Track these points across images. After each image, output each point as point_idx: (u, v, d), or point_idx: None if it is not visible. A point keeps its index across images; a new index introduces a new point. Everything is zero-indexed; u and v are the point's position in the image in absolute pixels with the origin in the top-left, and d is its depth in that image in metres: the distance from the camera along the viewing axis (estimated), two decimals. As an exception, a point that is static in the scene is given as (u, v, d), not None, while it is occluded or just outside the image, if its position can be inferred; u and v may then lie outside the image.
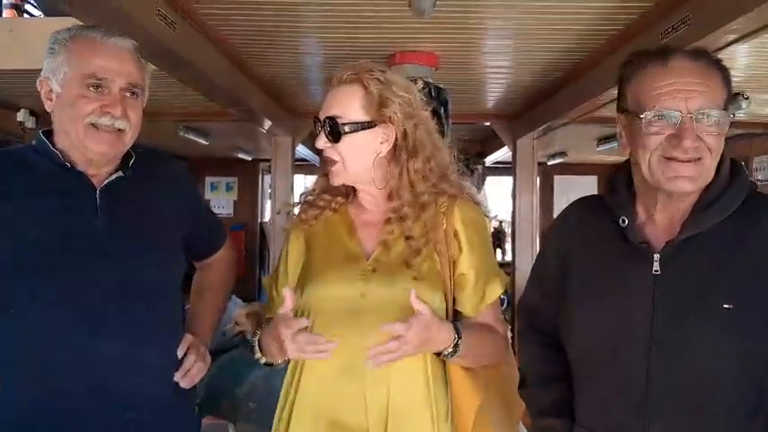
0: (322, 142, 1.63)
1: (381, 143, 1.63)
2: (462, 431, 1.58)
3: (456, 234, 1.64)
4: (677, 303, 1.30)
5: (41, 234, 1.51)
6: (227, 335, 4.69)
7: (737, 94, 4.53)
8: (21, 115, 5.16)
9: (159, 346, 1.64)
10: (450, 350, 1.53)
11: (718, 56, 1.41)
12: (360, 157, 1.62)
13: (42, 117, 5.22)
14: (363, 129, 1.60)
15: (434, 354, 1.56)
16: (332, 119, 1.60)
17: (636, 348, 1.32)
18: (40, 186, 1.55)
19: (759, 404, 1.29)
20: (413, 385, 1.57)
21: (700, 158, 1.28)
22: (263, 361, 1.64)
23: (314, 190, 1.76)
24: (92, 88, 1.52)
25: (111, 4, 2.15)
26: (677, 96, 1.28)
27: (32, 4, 4.08)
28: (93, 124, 1.52)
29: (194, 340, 1.71)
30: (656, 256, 1.33)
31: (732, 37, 2.48)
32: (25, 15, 4.07)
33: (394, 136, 1.63)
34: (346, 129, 1.59)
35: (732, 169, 1.36)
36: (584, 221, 1.51)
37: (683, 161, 1.29)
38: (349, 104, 1.60)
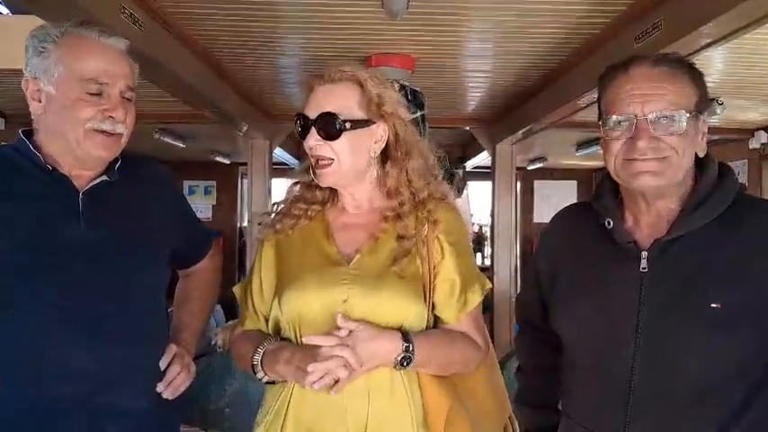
0: (314, 140, 1.56)
1: (375, 142, 1.61)
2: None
3: (438, 239, 1.61)
4: (663, 301, 1.31)
5: (21, 239, 1.45)
6: (212, 343, 4.64)
7: (712, 99, 4.56)
8: (-9, 117, 5.08)
9: (143, 356, 1.58)
10: (402, 356, 1.49)
11: (693, 59, 1.44)
12: (356, 156, 1.58)
13: (11, 118, 5.14)
14: (361, 126, 1.57)
15: (393, 366, 1.51)
16: (330, 115, 1.55)
17: (622, 346, 1.33)
18: (19, 188, 1.49)
19: (743, 405, 1.29)
20: (392, 395, 1.54)
21: (665, 157, 1.31)
22: (265, 380, 1.59)
23: (288, 199, 1.71)
24: (92, 92, 1.47)
25: (73, 2, 2.10)
26: (633, 101, 1.32)
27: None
28: (95, 129, 1.48)
29: (179, 350, 1.66)
30: (644, 254, 1.35)
31: (705, 41, 2.48)
32: (-3, 14, 3.96)
33: (387, 135, 1.61)
34: (347, 125, 1.55)
35: (720, 172, 1.38)
36: (572, 226, 1.54)
37: (642, 160, 1.32)
38: (346, 102, 1.56)
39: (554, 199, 9.29)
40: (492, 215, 5.99)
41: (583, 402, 1.44)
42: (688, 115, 1.30)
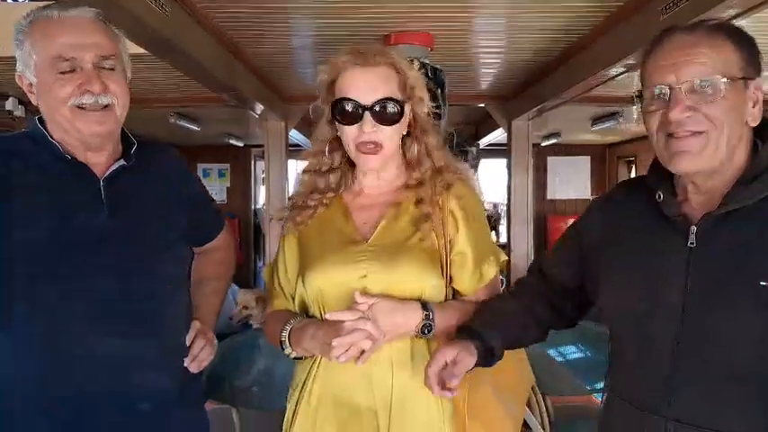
0: (370, 126, 1.56)
1: (406, 123, 1.64)
2: (456, 399, 1.58)
3: (452, 213, 1.64)
4: (711, 278, 1.28)
5: (47, 228, 1.45)
6: (233, 319, 4.68)
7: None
8: (9, 104, 5.08)
9: (172, 336, 1.62)
10: (423, 324, 1.55)
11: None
12: (397, 138, 1.63)
13: (31, 105, 5.15)
14: (403, 111, 1.61)
15: (413, 335, 1.57)
16: (391, 100, 1.57)
17: (666, 322, 1.31)
18: (40, 179, 1.49)
19: None
20: (415, 365, 1.58)
21: (702, 132, 1.25)
22: (293, 356, 1.65)
23: (301, 191, 1.74)
24: (65, 71, 1.44)
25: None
26: (666, 71, 1.27)
27: (13, -12, 3.97)
28: (77, 106, 1.45)
29: (202, 326, 1.69)
30: (693, 229, 1.31)
31: (733, 12, 2.44)
32: (8, 0, 3.95)
33: (410, 115, 1.64)
34: (405, 110, 1.60)
35: None
36: (625, 199, 1.50)
37: (680, 136, 1.27)
38: (392, 86, 1.58)
39: (567, 175, 9.25)
40: (508, 192, 5.97)
41: (626, 376, 1.42)
42: (727, 81, 1.24)
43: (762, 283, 1.22)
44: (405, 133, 1.65)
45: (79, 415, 1.47)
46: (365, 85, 1.57)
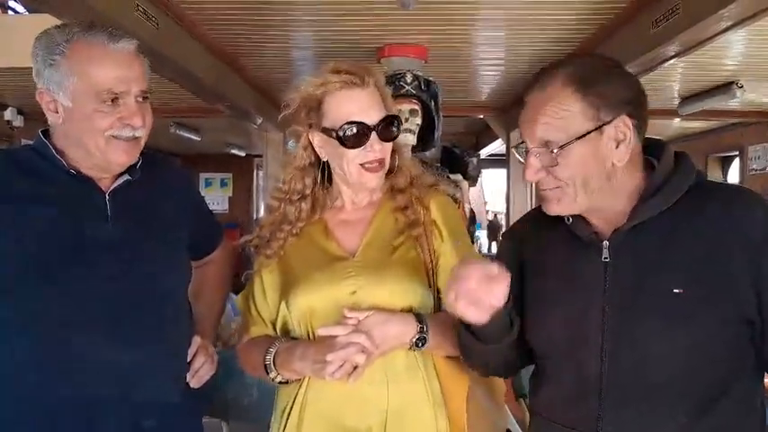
0: (379, 143, 1.57)
1: None
2: (455, 413, 1.57)
3: (435, 223, 1.64)
4: (627, 289, 1.29)
5: (51, 241, 1.45)
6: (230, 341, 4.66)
7: (731, 82, 4.50)
8: (8, 114, 5.11)
9: (174, 349, 1.61)
10: (417, 337, 1.51)
11: (712, 42, 1.40)
12: (390, 152, 1.64)
13: (30, 115, 5.18)
14: (400, 126, 1.64)
15: (408, 348, 1.53)
16: (395, 118, 1.60)
17: (590, 338, 1.31)
18: (46, 192, 1.49)
19: (714, 394, 1.27)
20: (409, 380, 1.56)
21: (557, 186, 1.29)
22: (278, 380, 1.58)
23: (272, 222, 1.67)
24: (108, 102, 1.44)
25: (87, 1, 2.10)
26: (523, 129, 1.31)
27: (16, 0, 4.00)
28: (113, 136, 1.47)
29: (203, 341, 1.68)
30: (605, 244, 1.32)
31: (724, 24, 2.44)
32: (9, 12, 3.98)
33: None
34: (399, 125, 1.62)
35: (677, 158, 1.35)
36: (536, 226, 1.49)
37: (542, 190, 1.32)
38: (383, 104, 1.59)
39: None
40: (507, 202, 5.98)
41: (555, 397, 1.40)
42: (572, 140, 1.25)
43: (675, 290, 1.24)
44: None
45: (81, 423, 1.46)
46: (367, 106, 1.56)
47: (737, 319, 1.25)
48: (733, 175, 7.13)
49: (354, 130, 1.54)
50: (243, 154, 8.63)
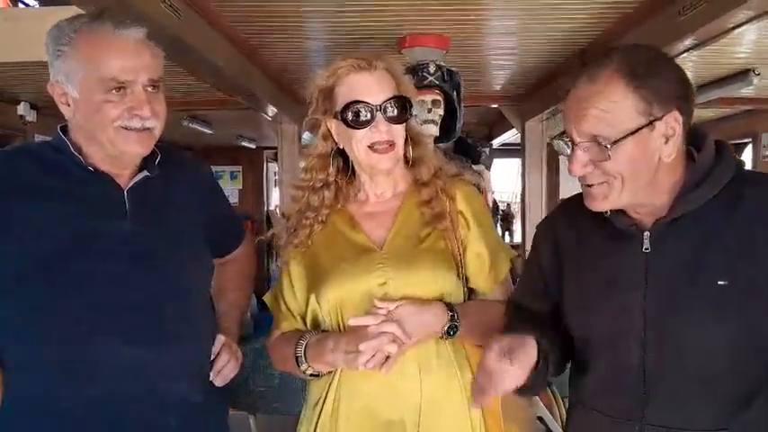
0: (385, 124, 1.56)
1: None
2: (490, 409, 1.57)
3: (461, 213, 1.63)
4: (669, 281, 1.29)
5: (70, 239, 1.45)
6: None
7: (748, 70, 4.48)
8: (21, 108, 5.08)
9: (197, 347, 1.60)
10: (449, 325, 1.52)
11: (729, 35, 1.39)
12: (403, 137, 1.62)
13: (43, 110, 5.19)
14: (411, 109, 1.62)
15: (439, 336, 1.55)
16: (403, 98, 1.59)
17: (632, 329, 1.32)
18: (64, 189, 1.48)
19: (757, 387, 1.27)
20: (442, 371, 1.57)
21: (604, 182, 1.28)
22: (309, 372, 1.58)
23: (298, 210, 1.69)
24: (114, 91, 1.42)
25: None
26: (569, 122, 1.28)
27: (28, -7, 3.98)
28: (122, 126, 1.44)
29: (227, 340, 1.67)
30: (646, 234, 1.32)
31: (750, 13, 2.43)
32: (20, 5, 3.96)
33: None
34: (409, 107, 1.60)
35: (717, 149, 1.33)
36: (573, 218, 1.49)
37: (587, 185, 1.31)
38: (393, 87, 1.59)
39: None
40: (522, 193, 5.97)
41: (597, 387, 1.41)
42: (624, 134, 1.23)
43: (719, 282, 1.24)
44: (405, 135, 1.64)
45: (99, 424, 1.46)
46: (374, 87, 1.56)
47: None
48: (745, 162, 7.10)
49: (357, 109, 1.55)
50: (253, 146, 8.63)
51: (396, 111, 1.57)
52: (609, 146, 1.23)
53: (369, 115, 1.56)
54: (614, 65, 1.25)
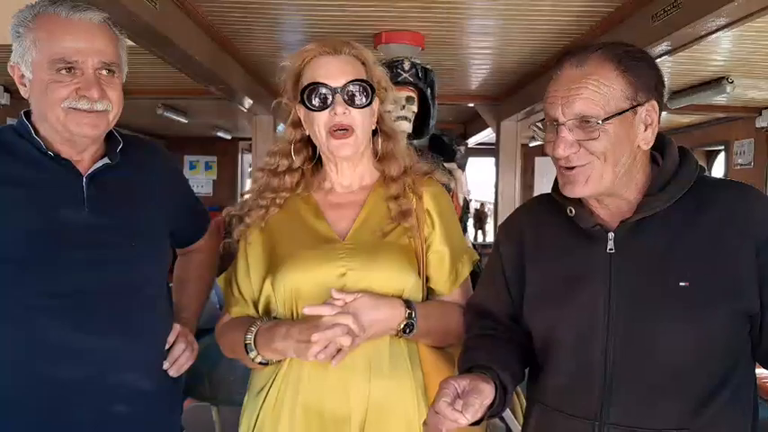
0: (342, 107, 1.53)
1: (374, 117, 1.63)
2: None
3: (428, 212, 1.62)
4: (632, 281, 1.31)
5: (26, 222, 1.44)
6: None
7: (722, 78, 4.54)
8: (-6, 92, 5.03)
9: (149, 337, 1.59)
10: (405, 323, 1.51)
11: (703, 41, 1.42)
12: (367, 127, 1.60)
13: (16, 93, 5.08)
14: (372, 99, 1.59)
15: (394, 334, 1.53)
16: (364, 81, 1.56)
17: (595, 329, 1.33)
18: (23, 173, 1.47)
19: (714, 386, 1.30)
20: (393, 370, 1.55)
21: (587, 163, 1.30)
22: (258, 360, 1.55)
23: (255, 190, 1.68)
24: (63, 71, 1.42)
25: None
26: (555, 104, 1.30)
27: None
28: (70, 107, 1.43)
29: (183, 329, 1.67)
30: (611, 235, 1.35)
31: (723, 21, 2.46)
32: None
33: (377, 112, 1.64)
34: (371, 93, 1.57)
35: (681, 154, 1.38)
36: (536, 218, 1.51)
37: (567, 168, 1.32)
38: (358, 72, 1.56)
39: (554, 176, 9.25)
40: (495, 192, 5.99)
41: (558, 386, 1.41)
42: (611, 115, 1.26)
43: (681, 283, 1.27)
44: (373, 127, 1.63)
45: (51, 410, 1.45)
46: (335, 70, 1.54)
47: (741, 313, 1.28)
48: (718, 170, 7.22)
49: (315, 90, 1.53)
50: (229, 137, 8.57)
51: (356, 94, 1.55)
52: (600, 122, 1.26)
53: (327, 98, 1.54)
54: (600, 51, 1.30)
